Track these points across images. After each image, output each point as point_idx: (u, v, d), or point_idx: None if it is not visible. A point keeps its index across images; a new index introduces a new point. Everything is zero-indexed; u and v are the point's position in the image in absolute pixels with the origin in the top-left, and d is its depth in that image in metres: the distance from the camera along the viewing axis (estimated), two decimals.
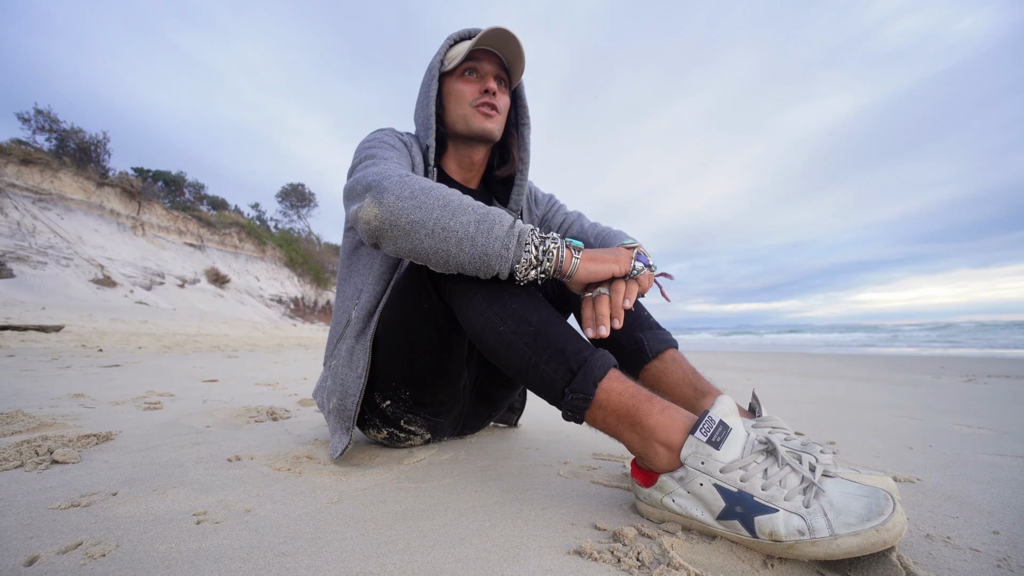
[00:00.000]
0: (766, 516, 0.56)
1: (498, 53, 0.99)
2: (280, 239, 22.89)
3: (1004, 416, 1.70)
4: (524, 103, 1.08)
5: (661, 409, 0.66)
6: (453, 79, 1.00)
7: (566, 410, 0.69)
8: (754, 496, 0.58)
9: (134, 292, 12.11)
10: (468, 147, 1.05)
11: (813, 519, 0.55)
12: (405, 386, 0.92)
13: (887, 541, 0.52)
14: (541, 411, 1.68)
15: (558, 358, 0.69)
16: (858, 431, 1.42)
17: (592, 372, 0.67)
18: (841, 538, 0.53)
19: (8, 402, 1.51)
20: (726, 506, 0.59)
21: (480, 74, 0.99)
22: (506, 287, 0.74)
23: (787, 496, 0.57)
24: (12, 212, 11.04)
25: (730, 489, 0.59)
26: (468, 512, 0.71)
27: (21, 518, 0.63)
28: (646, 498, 0.68)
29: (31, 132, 13.96)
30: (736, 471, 0.59)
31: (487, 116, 0.99)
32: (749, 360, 6.08)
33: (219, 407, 1.53)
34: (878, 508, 0.53)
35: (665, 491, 0.64)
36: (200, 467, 0.89)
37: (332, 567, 0.54)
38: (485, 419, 1.20)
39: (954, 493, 0.84)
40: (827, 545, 0.53)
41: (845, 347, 11.83)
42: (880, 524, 0.52)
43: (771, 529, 0.56)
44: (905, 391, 2.55)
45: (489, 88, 0.98)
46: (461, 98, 0.99)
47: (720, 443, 0.60)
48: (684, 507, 0.63)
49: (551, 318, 0.73)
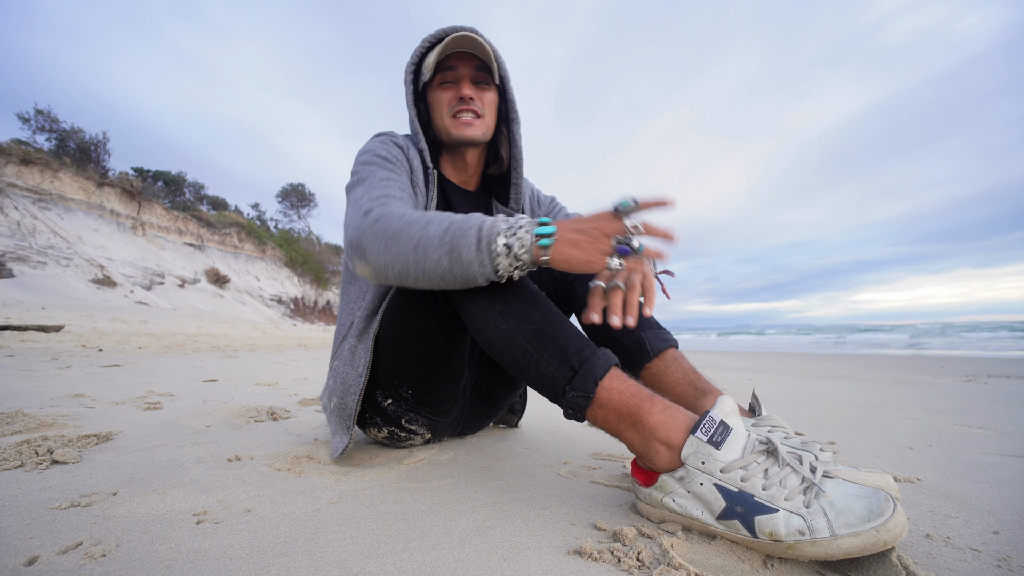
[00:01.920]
0: (767, 516, 0.56)
1: (473, 52, 0.98)
2: (280, 239, 22.90)
3: (1004, 416, 1.69)
4: (511, 97, 1.06)
5: (662, 408, 0.66)
6: (433, 89, 1.01)
7: (567, 408, 0.70)
8: (754, 496, 0.58)
9: (134, 292, 12.11)
10: (458, 151, 1.05)
11: (813, 519, 0.55)
12: (407, 385, 0.92)
13: (887, 542, 0.52)
14: (541, 411, 1.68)
15: (560, 356, 0.69)
16: (858, 431, 1.42)
17: (593, 370, 0.68)
18: (841, 538, 0.53)
19: (8, 402, 1.51)
20: (726, 506, 0.59)
21: (455, 80, 1.00)
22: (509, 286, 0.75)
23: (787, 496, 0.57)
24: (12, 212, 11.04)
25: (731, 489, 0.59)
26: (468, 512, 0.71)
27: (21, 518, 0.63)
28: (646, 498, 0.68)
29: (31, 132, 13.98)
30: (737, 471, 0.59)
31: (466, 123, 0.99)
32: (749, 360, 6.08)
33: (219, 407, 1.53)
34: (878, 509, 0.54)
35: (665, 491, 0.64)
36: (200, 467, 0.89)
37: (332, 567, 0.54)
38: (485, 419, 1.20)
39: (954, 493, 0.84)
40: (827, 545, 0.53)
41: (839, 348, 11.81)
42: (880, 525, 0.52)
43: (771, 529, 0.56)
44: (905, 391, 2.55)
45: (464, 95, 0.98)
46: (440, 108, 1.00)
47: (721, 443, 0.60)
48: (684, 507, 0.63)
49: (553, 316, 0.73)
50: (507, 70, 1.03)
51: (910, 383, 3.01)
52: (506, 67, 1.02)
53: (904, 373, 3.87)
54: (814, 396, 2.32)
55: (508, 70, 1.03)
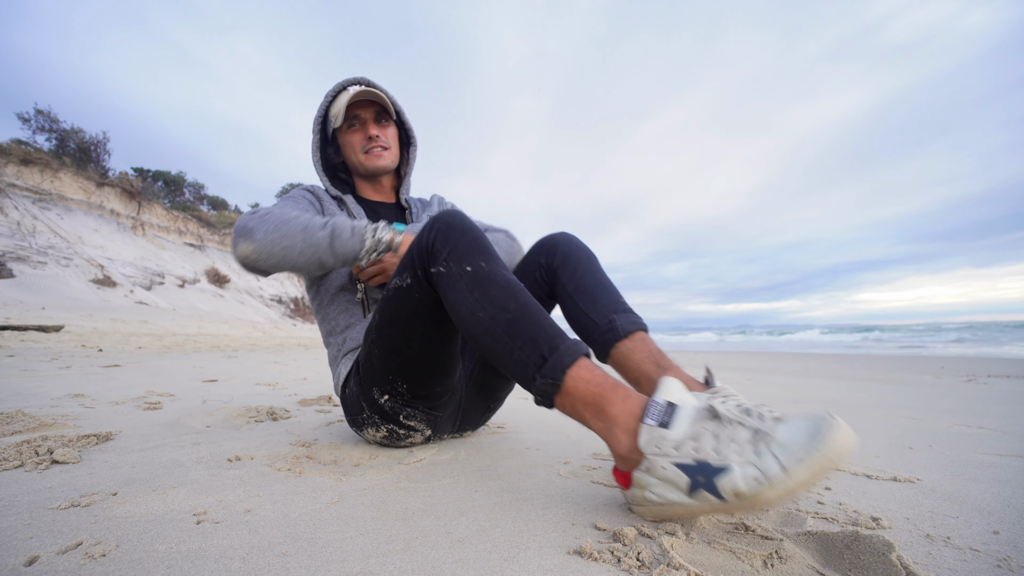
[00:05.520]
0: (725, 476, 0.57)
1: (372, 99, 1.18)
2: None
3: (1004, 416, 1.70)
4: (408, 126, 1.30)
5: (623, 398, 0.69)
6: (343, 133, 1.23)
7: (536, 394, 0.73)
8: (709, 461, 0.59)
9: (134, 292, 12.11)
10: (375, 178, 1.28)
11: (765, 464, 0.56)
12: (401, 378, 0.93)
13: (834, 460, 0.53)
14: (541, 411, 1.68)
15: (531, 344, 0.73)
16: (858, 431, 1.42)
17: (562, 359, 0.71)
18: (792, 471, 0.54)
19: (8, 402, 1.51)
20: (690, 480, 0.60)
21: (362, 122, 1.21)
22: (489, 276, 0.79)
23: (738, 451, 0.58)
24: (12, 212, 11.04)
25: (688, 463, 0.60)
26: (468, 512, 0.71)
27: (21, 518, 0.63)
28: (632, 499, 0.69)
29: (31, 132, 13.98)
30: (688, 443, 0.61)
31: (377, 156, 1.22)
32: (749, 360, 6.08)
33: (219, 407, 1.53)
34: (819, 428, 0.54)
35: (642, 487, 0.65)
36: (200, 467, 0.89)
37: (332, 567, 0.54)
38: (484, 412, 1.20)
39: (954, 493, 0.84)
40: (783, 484, 0.54)
41: (843, 348, 11.78)
42: (823, 443, 0.53)
43: (732, 487, 0.56)
44: (905, 391, 2.55)
45: (371, 135, 1.20)
46: (354, 147, 1.22)
47: (669, 423, 0.63)
48: (662, 495, 0.63)
49: (529, 306, 0.77)
50: (400, 106, 1.25)
51: (910, 383, 3.01)
52: (399, 104, 1.25)
53: (904, 373, 3.87)
54: (814, 396, 2.32)
55: (400, 105, 1.25)
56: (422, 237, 0.85)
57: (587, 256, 1.05)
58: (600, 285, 1.01)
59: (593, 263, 1.05)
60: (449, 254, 0.80)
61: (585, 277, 1.02)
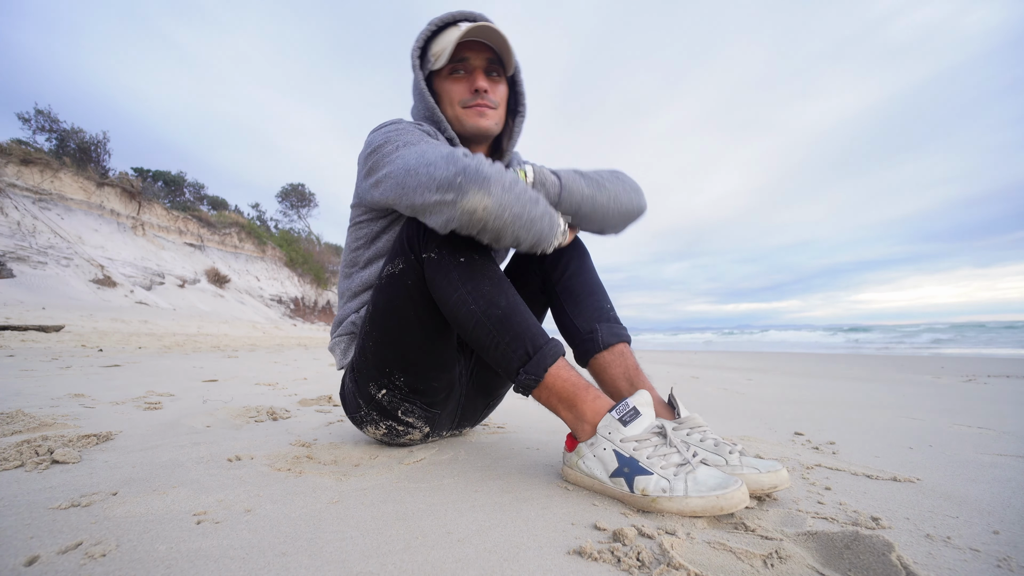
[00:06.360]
0: (644, 477, 0.72)
1: (487, 42, 0.95)
2: (280, 239, 22.88)
3: (1004, 416, 1.70)
4: (521, 89, 1.05)
5: (594, 397, 0.81)
6: (442, 78, 0.99)
7: (518, 386, 0.82)
8: (639, 462, 0.73)
9: (134, 292, 12.11)
10: (468, 141, 1.04)
11: (675, 483, 0.70)
12: (399, 372, 0.92)
13: (723, 507, 0.67)
14: (541, 411, 1.68)
15: (518, 341, 0.80)
16: (858, 431, 1.42)
17: (545, 359, 0.80)
18: (691, 499, 0.68)
19: (8, 402, 1.51)
20: (618, 466, 0.74)
21: (468, 71, 0.97)
22: (479, 269, 0.82)
23: (663, 467, 0.72)
24: (12, 212, 11.04)
25: (623, 454, 0.74)
26: (468, 512, 0.71)
27: (21, 518, 0.63)
28: (567, 461, 0.84)
29: (31, 132, 13.96)
30: (632, 442, 0.75)
31: (480, 114, 0.98)
32: (749, 360, 6.08)
33: (219, 407, 1.53)
34: (726, 484, 0.69)
35: (580, 455, 0.80)
36: (200, 467, 0.89)
37: (332, 567, 0.54)
38: (483, 409, 1.20)
39: (954, 493, 0.84)
40: (680, 502, 0.69)
41: (840, 347, 11.78)
42: (721, 494, 0.68)
43: (644, 487, 0.71)
44: (905, 391, 2.55)
45: (479, 87, 0.96)
46: (451, 98, 0.98)
47: (629, 422, 0.76)
48: (589, 467, 0.78)
49: (516, 304, 0.83)
50: (519, 62, 1.00)
51: (910, 383, 3.01)
52: (517, 59, 1.00)
53: (904, 373, 3.87)
54: (814, 396, 2.32)
55: (519, 62, 1.00)
56: (411, 224, 0.85)
57: (579, 254, 1.05)
58: (587, 288, 1.01)
59: (584, 262, 1.04)
60: (442, 241, 0.82)
61: (573, 279, 1.02)
